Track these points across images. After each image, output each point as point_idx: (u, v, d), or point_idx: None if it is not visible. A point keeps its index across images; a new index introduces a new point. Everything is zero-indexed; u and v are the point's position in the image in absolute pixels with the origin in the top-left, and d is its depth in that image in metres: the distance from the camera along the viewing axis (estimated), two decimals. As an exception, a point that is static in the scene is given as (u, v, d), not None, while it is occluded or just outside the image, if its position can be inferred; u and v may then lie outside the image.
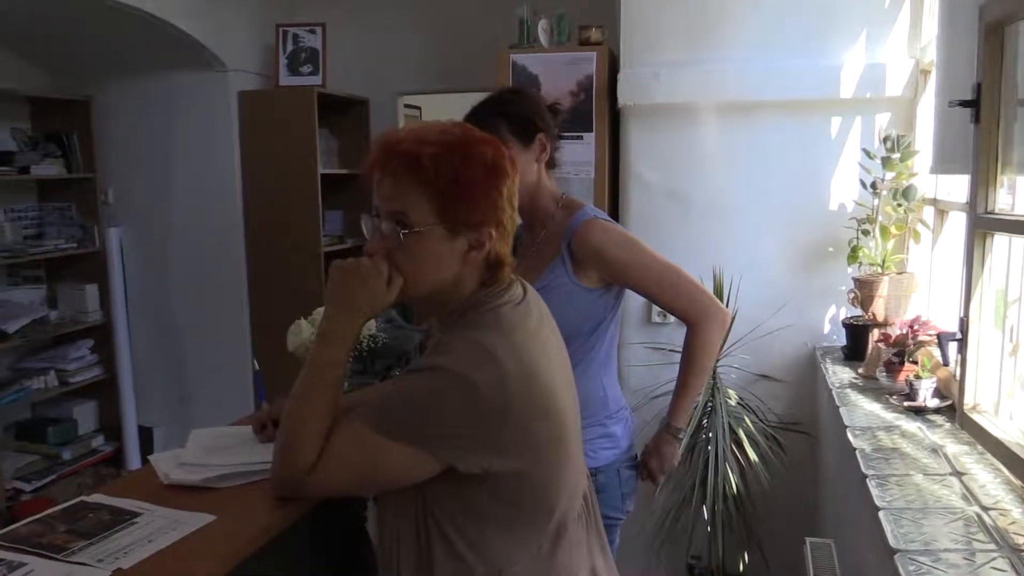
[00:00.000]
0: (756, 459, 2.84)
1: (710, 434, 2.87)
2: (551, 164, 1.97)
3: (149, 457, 1.54)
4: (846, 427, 2.10)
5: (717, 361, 2.90)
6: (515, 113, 1.89)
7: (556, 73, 3.21)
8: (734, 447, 2.86)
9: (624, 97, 3.05)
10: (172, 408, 4.66)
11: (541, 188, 1.95)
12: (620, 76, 3.05)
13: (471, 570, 1.28)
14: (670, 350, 2.96)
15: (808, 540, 2.17)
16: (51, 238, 4.43)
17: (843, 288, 2.90)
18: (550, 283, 1.85)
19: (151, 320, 4.65)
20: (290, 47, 4.32)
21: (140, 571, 1.14)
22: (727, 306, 2.86)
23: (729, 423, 2.85)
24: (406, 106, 4.76)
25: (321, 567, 1.58)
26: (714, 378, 2.89)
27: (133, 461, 4.57)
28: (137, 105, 4.47)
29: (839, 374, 2.62)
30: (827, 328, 3.02)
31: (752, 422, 2.91)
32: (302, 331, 1.88)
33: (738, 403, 2.96)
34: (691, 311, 1.91)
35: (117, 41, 4.15)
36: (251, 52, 4.43)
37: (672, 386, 2.03)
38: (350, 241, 4.56)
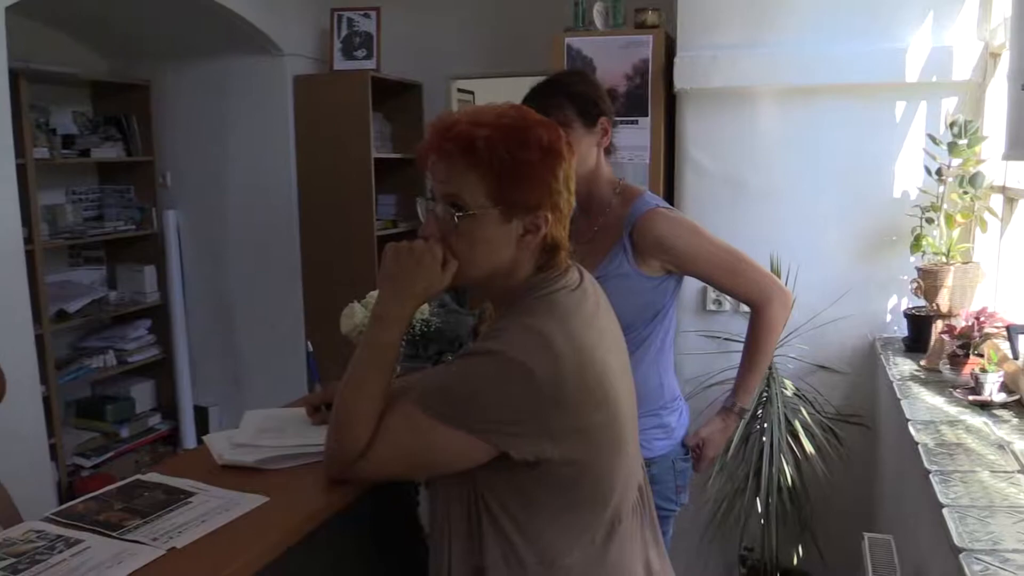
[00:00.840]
0: (812, 451, 2.78)
1: (765, 424, 2.82)
2: (608, 150, 1.95)
3: (204, 437, 1.56)
4: (908, 420, 2.03)
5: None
6: (580, 94, 1.88)
7: (611, 57, 3.16)
8: (789, 438, 2.80)
9: (680, 81, 2.99)
10: (227, 388, 4.74)
11: (599, 173, 1.93)
12: (676, 60, 2.99)
13: (522, 559, 1.27)
14: (725, 338, 2.91)
15: (866, 535, 2.11)
16: (111, 220, 4.52)
17: (905, 278, 2.82)
18: (610, 272, 1.83)
19: (207, 301, 4.72)
20: (344, 31, 4.33)
21: (194, 551, 1.15)
22: (784, 295, 2.81)
23: (785, 414, 2.80)
24: (459, 90, 4.75)
25: (372, 551, 1.58)
26: (770, 368, 2.83)
27: (189, 440, 4.66)
28: (194, 89, 4.53)
29: (900, 366, 2.54)
30: (888, 318, 2.94)
31: (809, 413, 2.85)
32: (355, 314, 1.88)
33: (794, 393, 2.90)
34: (754, 294, 1.90)
35: (175, 26, 4.20)
36: (306, 36, 4.46)
37: (726, 375, 2.00)
38: (403, 225, 4.57)
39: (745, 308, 3.01)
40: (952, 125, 2.60)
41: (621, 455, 1.33)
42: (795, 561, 2.95)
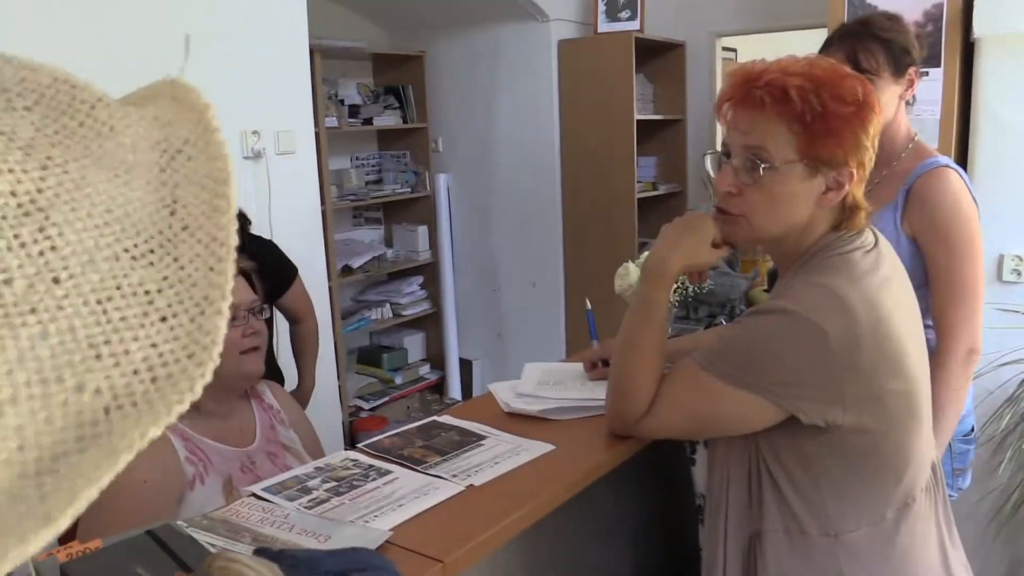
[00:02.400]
0: None
1: (1071, 408, 2.52)
2: (908, 101, 1.81)
3: (490, 386, 1.65)
4: None
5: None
6: (893, 40, 1.74)
7: (899, 2, 2.91)
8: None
9: (982, 26, 2.69)
10: (490, 343, 4.97)
11: (896, 125, 1.80)
12: (977, 1, 2.70)
13: (803, 528, 1.24)
14: (1025, 313, 2.63)
15: None
16: (388, 183, 4.85)
17: None
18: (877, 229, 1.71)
19: (474, 260, 4.96)
20: (609, -8, 4.34)
21: (490, 489, 1.23)
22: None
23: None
24: (724, 49, 4.60)
25: (645, 505, 1.61)
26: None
27: (454, 390, 4.95)
28: (465, 58, 4.73)
29: None
30: None
31: None
32: (629, 274, 1.89)
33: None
34: (944, 335, 1.69)
35: (450, -3, 4.42)
36: (571, 0, 4.50)
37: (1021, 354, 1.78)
38: (663, 187, 4.53)
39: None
40: None
41: (917, 430, 1.25)
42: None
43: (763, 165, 1.20)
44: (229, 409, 1.73)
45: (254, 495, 1.23)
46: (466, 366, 5.00)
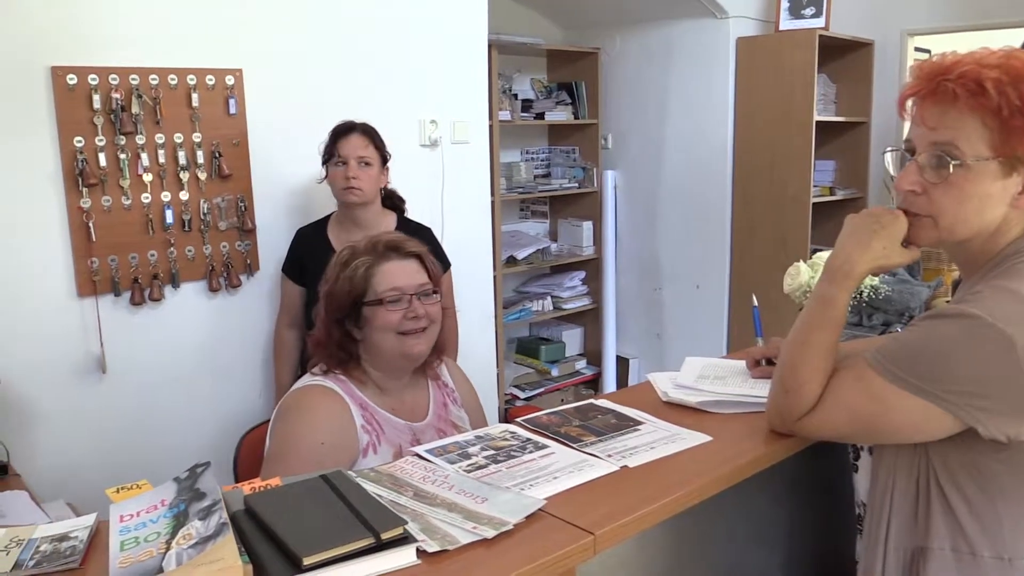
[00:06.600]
0: None
1: None
2: None
3: (648, 375, 1.65)
4: None
5: None
6: None
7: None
8: None
9: None
10: (648, 342, 4.95)
11: None
12: None
13: (974, 548, 1.17)
14: None
15: None
16: (556, 178, 4.92)
17: None
18: None
19: (637, 258, 4.95)
20: (792, -10, 4.21)
21: (643, 472, 1.24)
22: None
23: None
24: (915, 49, 4.36)
25: (799, 508, 1.56)
26: None
27: (609, 386, 4.96)
28: (639, 55, 4.72)
29: None
30: None
31: None
32: (801, 274, 1.85)
33: None
34: None
35: (628, -6, 4.42)
36: (753, -3, 4.41)
37: None
38: (840, 192, 4.35)
39: None
40: None
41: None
42: None
43: (953, 162, 1.14)
44: (405, 384, 1.81)
45: (417, 455, 1.29)
46: (623, 364, 4.99)
